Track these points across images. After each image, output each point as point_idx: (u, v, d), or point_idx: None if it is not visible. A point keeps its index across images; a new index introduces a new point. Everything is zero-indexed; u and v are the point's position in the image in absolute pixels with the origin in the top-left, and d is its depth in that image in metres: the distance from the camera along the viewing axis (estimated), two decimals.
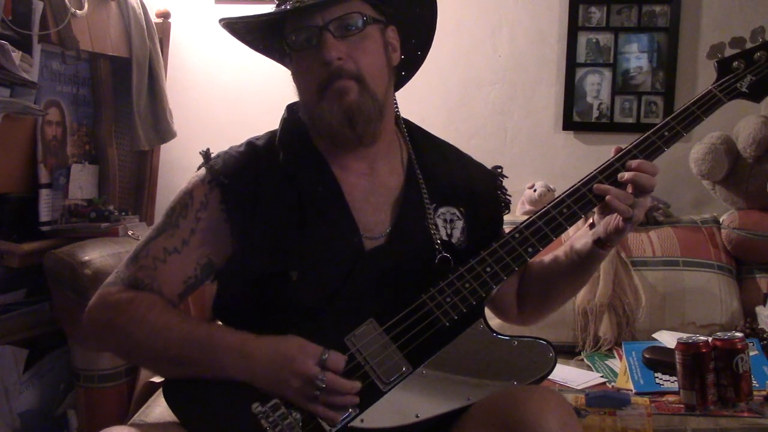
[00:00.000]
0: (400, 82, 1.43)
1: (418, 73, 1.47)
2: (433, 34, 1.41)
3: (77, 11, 2.08)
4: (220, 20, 1.33)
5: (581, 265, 1.39)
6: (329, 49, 1.23)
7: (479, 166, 1.49)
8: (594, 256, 1.37)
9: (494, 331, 1.26)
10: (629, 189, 1.29)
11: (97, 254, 1.96)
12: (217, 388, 1.19)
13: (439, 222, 1.34)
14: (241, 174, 1.30)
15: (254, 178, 1.30)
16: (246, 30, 1.35)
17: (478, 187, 1.42)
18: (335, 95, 1.25)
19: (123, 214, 2.26)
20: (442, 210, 1.36)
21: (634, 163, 1.30)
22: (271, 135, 1.38)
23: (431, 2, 1.37)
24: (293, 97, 1.41)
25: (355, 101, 1.25)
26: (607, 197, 1.28)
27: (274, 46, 1.37)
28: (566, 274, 1.42)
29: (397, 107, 1.40)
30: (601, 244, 1.34)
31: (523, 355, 1.25)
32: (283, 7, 1.27)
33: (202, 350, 1.19)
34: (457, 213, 1.37)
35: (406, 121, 1.44)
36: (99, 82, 2.30)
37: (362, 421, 1.18)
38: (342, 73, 1.24)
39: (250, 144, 1.36)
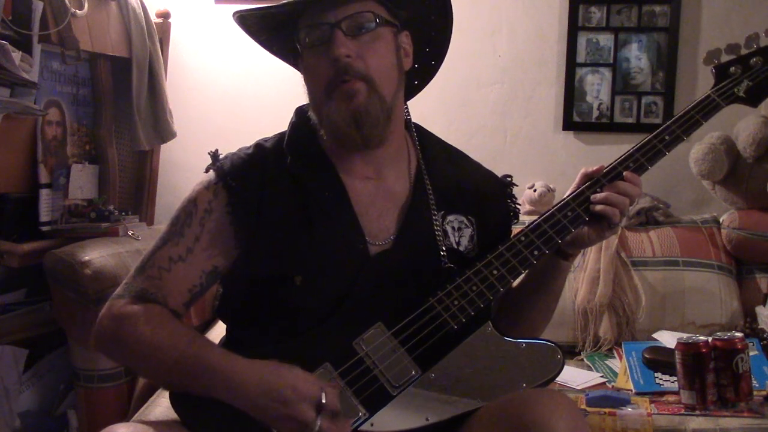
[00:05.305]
0: (412, 91, 1.43)
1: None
2: (448, 43, 1.40)
3: (77, 11, 2.07)
4: (234, 14, 1.32)
5: (545, 280, 1.40)
6: (339, 45, 1.23)
7: (489, 175, 1.48)
8: (557, 268, 1.38)
9: (502, 334, 1.27)
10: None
11: (97, 254, 1.95)
12: None
13: (448, 229, 1.34)
14: (248, 176, 1.30)
15: (261, 181, 1.30)
16: (259, 27, 1.35)
17: (487, 196, 1.42)
18: (344, 96, 1.24)
19: (123, 214, 2.25)
20: (450, 218, 1.35)
21: (627, 174, 1.33)
22: (280, 137, 1.37)
23: (445, 9, 1.36)
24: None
25: (363, 104, 1.24)
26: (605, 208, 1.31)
27: (287, 47, 1.36)
28: (532, 291, 1.42)
29: (407, 113, 1.40)
30: (564, 254, 1.37)
31: (531, 358, 1.25)
32: None
33: (192, 378, 1.17)
34: (466, 221, 1.37)
35: (417, 127, 1.43)
36: (99, 82, 2.29)
37: (372, 425, 1.18)
38: (350, 71, 1.24)
39: (259, 146, 1.36)
